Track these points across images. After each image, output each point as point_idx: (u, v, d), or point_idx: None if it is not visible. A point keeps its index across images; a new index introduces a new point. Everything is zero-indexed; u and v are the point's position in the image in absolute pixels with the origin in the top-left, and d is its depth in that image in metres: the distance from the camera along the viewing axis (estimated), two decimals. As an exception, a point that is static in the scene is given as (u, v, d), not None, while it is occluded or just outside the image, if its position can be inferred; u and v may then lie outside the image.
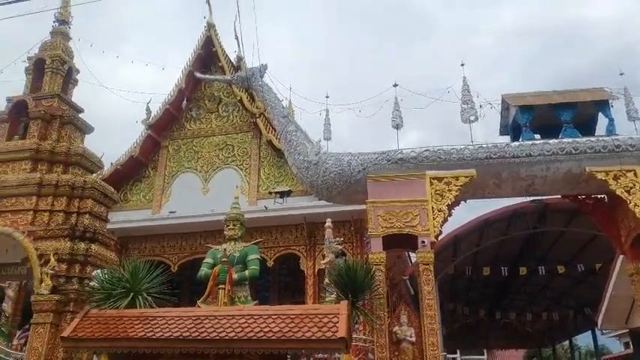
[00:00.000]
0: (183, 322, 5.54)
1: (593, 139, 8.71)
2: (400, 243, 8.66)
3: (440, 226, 8.39)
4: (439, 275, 14.39)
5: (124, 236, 14.35)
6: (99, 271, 7.51)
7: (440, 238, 8.89)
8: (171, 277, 8.42)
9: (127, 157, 16.04)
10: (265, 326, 5.33)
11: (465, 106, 9.47)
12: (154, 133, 16.35)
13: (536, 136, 9.27)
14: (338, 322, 5.29)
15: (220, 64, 16.26)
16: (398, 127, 9.62)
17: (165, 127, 16.65)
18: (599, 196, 9.23)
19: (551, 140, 8.73)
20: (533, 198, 12.31)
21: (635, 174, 8.31)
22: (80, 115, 9.97)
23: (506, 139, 9.99)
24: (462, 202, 9.21)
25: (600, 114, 9.44)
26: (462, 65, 9.79)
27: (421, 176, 8.61)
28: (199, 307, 6.58)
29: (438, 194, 8.50)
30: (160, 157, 16.46)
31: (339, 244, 9.14)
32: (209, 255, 7.35)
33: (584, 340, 34.26)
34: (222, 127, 16.41)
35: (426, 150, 8.78)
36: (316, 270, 13.39)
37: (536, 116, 9.40)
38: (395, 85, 9.70)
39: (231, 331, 5.30)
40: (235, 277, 6.80)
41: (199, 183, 15.80)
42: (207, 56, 16.68)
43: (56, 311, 7.61)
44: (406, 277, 16.28)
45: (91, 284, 7.26)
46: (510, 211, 15.46)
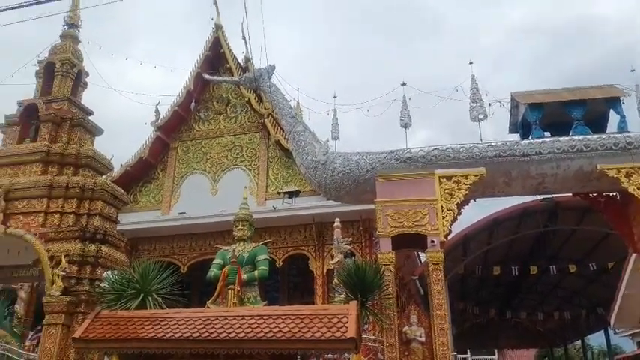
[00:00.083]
0: (193, 323, 5.56)
1: (604, 136, 8.62)
2: (409, 243, 8.63)
3: (449, 226, 8.35)
4: (449, 275, 14.31)
5: (133, 237, 14.44)
6: (109, 273, 7.57)
7: (449, 237, 8.85)
8: (181, 277, 8.47)
9: (137, 158, 16.14)
10: (275, 326, 5.33)
11: (474, 105, 9.41)
12: (162, 134, 16.43)
13: (546, 134, 9.19)
14: (347, 322, 5.28)
15: (228, 65, 16.31)
16: (406, 126, 9.58)
17: (174, 129, 16.73)
18: (610, 194, 9.13)
19: (562, 138, 8.65)
20: (543, 196, 12.21)
21: (648, 171, 8.21)
22: (90, 118, 10.05)
23: (516, 137, 9.91)
24: (472, 201, 9.16)
25: (611, 111, 9.33)
26: (470, 63, 9.74)
27: (430, 175, 8.57)
28: (209, 307, 6.60)
29: (447, 193, 8.45)
30: (169, 159, 16.54)
31: (347, 244, 9.13)
32: (218, 256, 7.37)
33: (596, 340, 33.93)
34: (230, 128, 16.45)
35: (435, 149, 8.73)
36: (325, 270, 13.38)
37: (546, 114, 9.31)
38: (403, 84, 9.67)
39: (241, 332, 5.31)
40: (244, 277, 6.82)
41: (208, 184, 15.85)
42: (215, 57, 16.73)
43: (68, 312, 7.67)
44: (416, 277, 16.21)
45: (102, 285, 7.32)
46: (520, 210, 15.34)
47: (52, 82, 9.92)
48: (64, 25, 10.63)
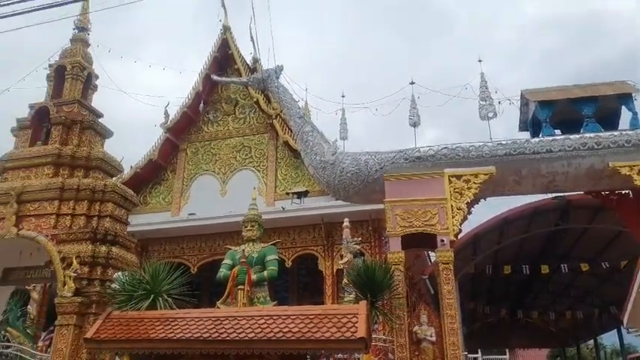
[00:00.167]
0: (203, 323, 5.58)
1: (616, 133, 8.51)
2: (419, 242, 8.58)
3: (459, 225, 8.30)
4: (459, 274, 14.23)
5: (144, 239, 14.53)
6: (120, 274, 7.61)
7: (459, 236, 8.79)
8: (191, 278, 8.50)
9: (146, 160, 16.25)
10: (285, 327, 5.33)
11: (484, 103, 9.35)
12: (172, 136, 16.53)
13: (557, 132, 9.11)
14: (357, 322, 5.27)
15: (236, 66, 16.36)
16: (415, 125, 9.54)
17: (184, 130, 16.83)
18: (623, 192, 9.02)
19: (573, 135, 8.56)
20: (554, 195, 12.10)
21: (661, 168, 8.10)
22: (100, 120, 10.11)
23: (526, 135, 9.82)
24: (482, 199, 9.10)
25: (623, 107, 9.23)
26: (479, 61, 9.68)
27: (439, 174, 8.52)
28: (219, 307, 6.62)
29: (456, 192, 8.40)
30: (179, 160, 16.63)
31: (357, 243, 9.13)
32: (228, 256, 7.39)
33: (609, 339, 33.58)
34: (239, 129, 16.51)
35: (444, 148, 8.68)
36: (334, 270, 13.37)
37: (557, 111, 9.22)
38: (412, 83, 9.64)
39: (251, 332, 5.32)
40: (254, 277, 6.83)
41: (217, 185, 15.92)
42: (224, 59, 16.80)
43: (79, 313, 7.72)
44: (425, 277, 16.14)
45: (113, 286, 7.37)
46: (531, 209, 15.20)
47: (63, 86, 9.99)
48: (73, 29, 10.72)
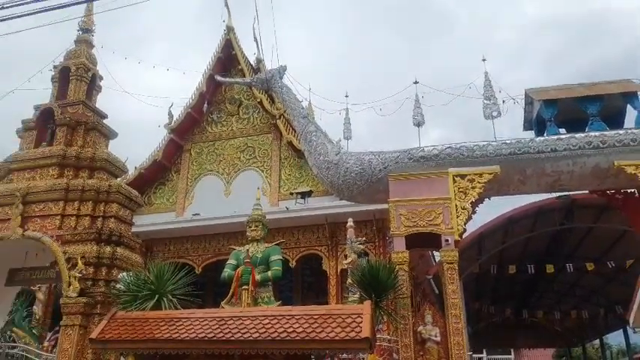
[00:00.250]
0: (207, 323, 5.59)
1: (621, 132, 8.46)
2: (423, 242, 8.57)
3: (464, 224, 8.27)
4: (463, 274, 14.18)
5: (148, 239, 14.57)
6: (125, 274, 7.62)
7: (464, 236, 8.77)
8: (196, 278, 8.50)
9: (151, 161, 16.28)
10: (289, 327, 5.33)
11: (488, 102, 9.32)
12: (176, 136, 16.57)
13: (562, 131, 9.07)
14: (362, 322, 5.26)
15: (240, 66, 16.38)
16: (419, 124, 9.52)
17: (188, 131, 16.86)
18: (628, 191, 8.98)
19: (578, 134, 8.52)
20: (559, 194, 12.05)
21: (667, 167, 8.05)
22: (104, 121, 10.16)
23: (531, 134, 9.80)
24: (486, 199, 9.07)
25: (629, 106, 9.18)
26: (483, 60, 9.65)
27: (444, 174, 8.50)
28: (223, 308, 6.62)
29: (461, 192, 8.38)
30: (183, 161, 16.66)
31: (361, 243, 9.10)
32: (232, 256, 7.39)
33: (615, 339, 33.36)
34: (242, 130, 16.53)
35: (448, 147, 8.66)
36: (339, 270, 13.37)
37: (561, 110, 9.18)
38: (415, 83, 9.62)
39: (255, 332, 5.32)
40: (258, 278, 6.83)
41: (221, 185, 15.94)
42: (227, 59, 16.82)
43: (84, 313, 7.75)
44: (430, 277, 16.10)
45: (118, 287, 7.38)
46: (535, 208, 15.14)
47: (67, 87, 10.04)
48: (78, 30, 10.77)
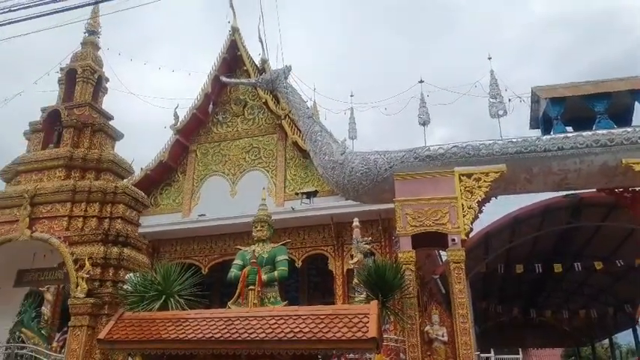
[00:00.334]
0: (214, 324, 5.60)
1: (629, 129, 8.40)
2: (430, 241, 8.54)
3: (470, 224, 8.24)
4: (470, 273, 14.11)
5: (155, 240, 14.62)
6: (132, 275, 7.66)
7: (470, 235, 8.73)
8: (202, 279, 8.52)
9: (157, 162, 16.34)
10: (295, 327, 5.33)
11: (494, 101, 9.28)
12: (182, 137, 16.62)
13: (569, 129, 9.01)
14: (368, 322, 5.25)
15: (245, 67, 16.41)
16: (425, 123, 9.49)
17: (193, 132, 16.90)
18: (637, 189, 8.91)
19: (585, 132, 8.46)
20: (566, 192, 11.97)
21: (676, 165, 7.98)
22: (110, 122, 10.20)
23: (537, 132, 9.75)
24: (493, 198, 9.03)
25: (636, 103, 9.11)
26: (489, 59, 9.62)
27: (450, 173, 8.47)
28: (230, 308, 6.63)
29: (467, 191, 8.35)
30: (189, 161, 16.71)
31: (367, 243, 9.09)
32: (238, 257, 7.41)
33: (624, 339, 33.11)
34: (248, 130, 16.55)
35: (454, 146, 8.63)
36: (345, 270, 13.35)
37: (568, 108, 9.13)
38: (421, 82, 9.59)
39: (262, 332, 5.33)
40: (264, 278, 6.84)
41: (227, 186, 15.97)
42: (233, 60, 16.85)
43: (92, 314, 7.79)
44: (437, 276, 16.05)
45: (125, 287, 7.41)
46: (542, 207, 15.04)
47: (74, 89, 10.10)
48: (84, 32, 10.83)
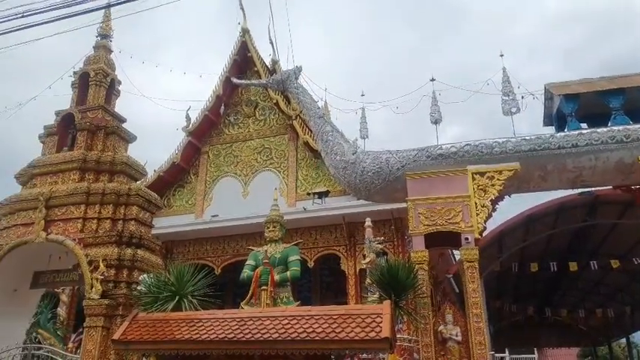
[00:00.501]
0: (227, 324, 5.61)
1: (645, 125, 8.25)
2: (443, 241, 8.47)
3: (484, 222, 8.15)
4: (484, 272, 14.01)
5: (168, 241, 14.74)
6: (145, 276, 7.71)
7: (484, 234, 8.64)
8: (215, 279, 8.55)
9: (169, 163, 16.46)
10: (308, 327, 5.32)
11: (506, 98, 9.18)
12: (194, 139, 16.72)
13: (583, 126, 8.88)
14: (381, 322, 5.23)
15: (256, 68, 16.47)
16: (437, 122, 9.43)
17: (205, 133, 17.00)
18: (654, 186, 8.75)
19: (600, 129, 8.33)
20: (581, 190, 11.81)
21: (694, 161, 7.82)
22: (123, 125, 10.30)
23: (551, 130, 9.62)
24: (507, 196, 8.94)
25: (653, 99, 8.94)
26: (501, 56, 9.51)
27: (462, 172, 8.40)
28: (243, 308, 6.65)
29: (480, 189, 8.26)
30: (201, 163, 16.81)
31: (379, 243, 9.07)
32: (251, 257, 7.42)
33: (642, 338, 32.65)
34: (259, 131, 16.61)
35: (467, 144, 8.55)
36: (357, 270, 13.33)
37: (582, 105, 8.99)
38: (432, 80, 9.53)
39: (275, 332, 5.33)
40: (277, 278, 6.83)
41: (239, 186, 16.03)
42: (243, 61, 16.91)
43: (107, 315, 7.87)
44: (450, 276, 15.95)
45: (139, 288, 7.47)
46: (556, 205, 14.87)
47: (87, 92, 10.22)
48: (96, 36, 10.95)
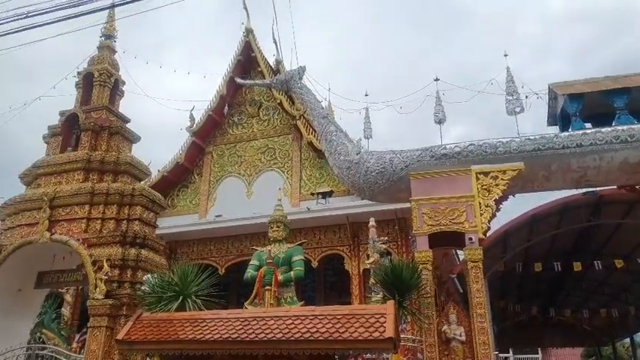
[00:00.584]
0: (231, 324, 5.62)
1: (650, 124, 8.22)
2: (447, 240, 8.47)
3: (487, 222, 8.15)
4: (488, 272, 13.97)
5: (172, 241, 14.76)
6: (149, 276, 7.73)
7: (488, 234, 8.63)
8: (219, 279, 8.56)
9: (173, 163, 16.49)
10: (312, 327, 5.32)
11: (510, 98, 9.17)
12: (198, 139, 16.75)
13: (587, 125, 8.85)
14: (385, 322, 5.22)
15: (260, 68, 16.47)
16: (440, 122, 9.42)
17: (209, 134, 17.02)
18: (659, 186, 8.72)
19: (604, 129, 8.30)
20: (585, 190, 11.77)
21: (699, 160, 7.79)
22: (127, 125, 10.31)
23: (555, 129, 9.60)
24: (511, 196, 8.92)
25: (657, 98, 8.91)
26: (505, 56, 9.51)
27: (466, 171, 8.39)
28: (247, 308, 6.66)
29: (484, 189, 8.25)
30: (205, 163, 16.83)
31: (383, 243, 9.04)
32: (255, 257, 7.43)
33: (647, 338, 32.47)
34: (263, 131, 16.61)
35: (471, 144, 8.54)
36: (361, 270, 13.32)
37: (587, 104, 8.97)
38: (436, 80, 9.52)
39: (279, 332, 5.33)
40: (281, 278, 6.85)
41: (243, 186, 16.04)
42: (247, 61, 16.92)
43: (111, 315, 7.87)
44: (454, 276, 15.92)
45: (143, 288, 7.49)
46: (560, 205, 14.83)
47: (91, 92, 10.22)
48: (100, 37, 10.96)
